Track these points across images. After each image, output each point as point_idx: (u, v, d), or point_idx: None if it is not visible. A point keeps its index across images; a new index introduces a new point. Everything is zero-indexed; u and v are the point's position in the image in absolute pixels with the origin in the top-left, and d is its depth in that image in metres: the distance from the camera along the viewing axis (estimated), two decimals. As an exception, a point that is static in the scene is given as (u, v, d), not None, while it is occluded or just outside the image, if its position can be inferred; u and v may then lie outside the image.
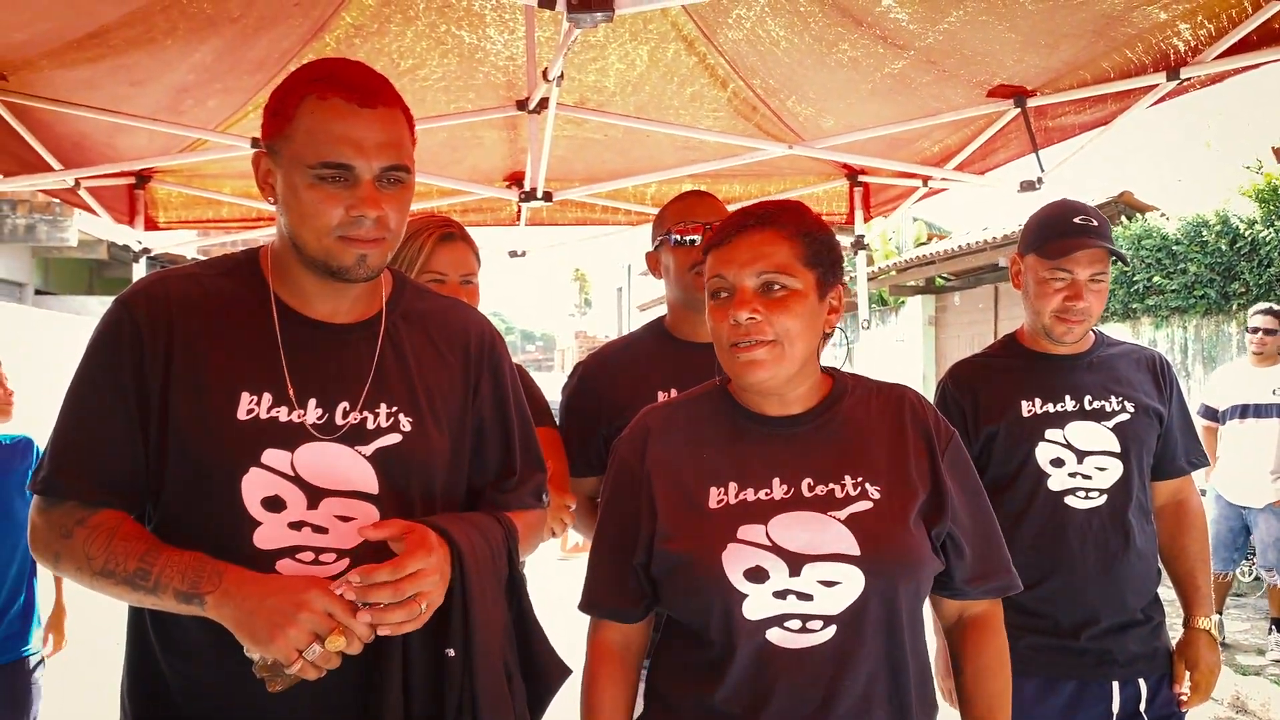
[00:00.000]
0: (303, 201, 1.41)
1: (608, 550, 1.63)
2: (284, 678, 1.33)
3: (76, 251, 13.09)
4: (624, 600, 1.60)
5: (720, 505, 1.52)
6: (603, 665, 1.61)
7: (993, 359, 2.51)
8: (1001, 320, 11.58)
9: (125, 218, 4.09)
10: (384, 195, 1.42)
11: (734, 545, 1.48)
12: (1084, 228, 2.30)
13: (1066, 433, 2.34)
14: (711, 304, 1.57)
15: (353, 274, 1.45)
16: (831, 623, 1.46)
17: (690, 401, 1.68)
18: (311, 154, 1.39)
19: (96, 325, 1.49)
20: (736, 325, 1.51)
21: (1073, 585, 2.30)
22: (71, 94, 3.04)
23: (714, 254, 1.57)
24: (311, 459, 1.44)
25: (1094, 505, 2.32)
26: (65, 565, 1.43)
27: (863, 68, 3.11)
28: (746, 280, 1.52)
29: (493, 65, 3.21)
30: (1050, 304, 2.34)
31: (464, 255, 2.27)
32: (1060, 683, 2.31)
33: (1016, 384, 2.40)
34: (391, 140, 1.42)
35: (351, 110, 1.39)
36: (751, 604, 1.46)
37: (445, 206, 4.28)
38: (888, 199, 4.34)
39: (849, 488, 1.52)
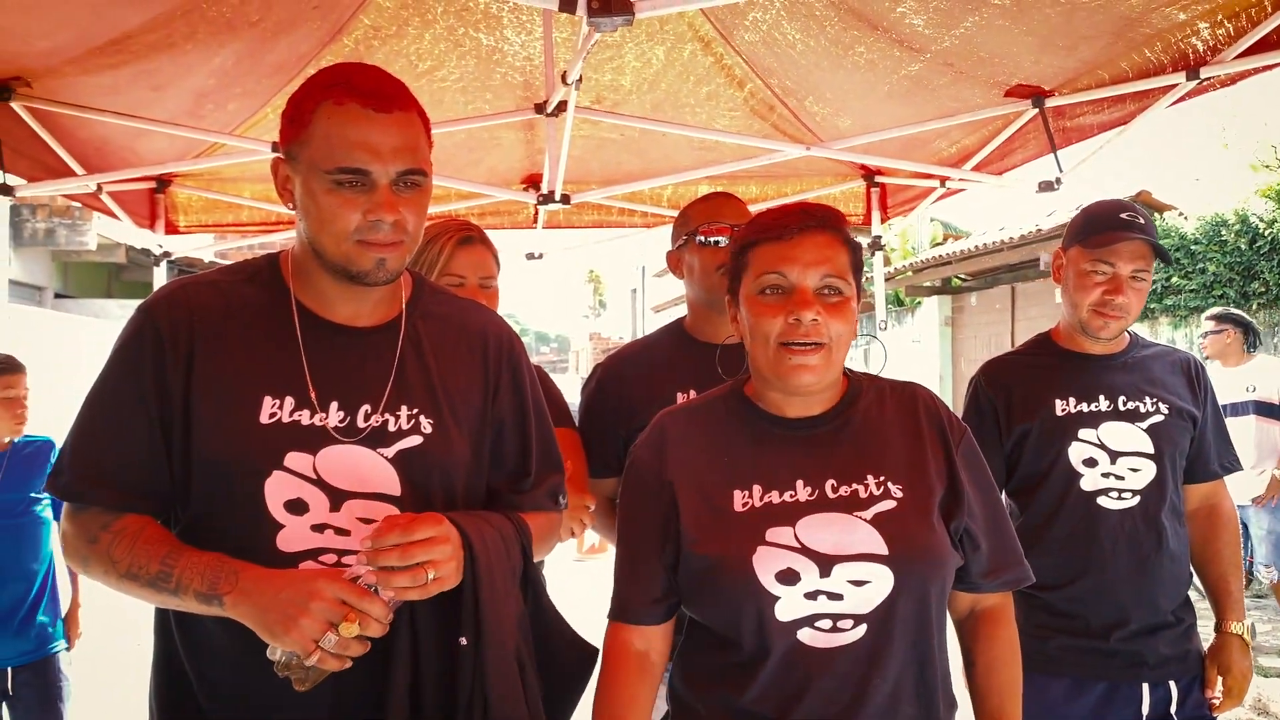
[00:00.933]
0: (321, 207, 1.42)
1: (630, 554, 1.62)
2: (308, 674, 1.34)
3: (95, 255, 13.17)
4: (642, 602, 1.60)
5: (746, 508, 1.51)
6: (618, 668, 1.60)
7: (1026, 357, 2.49)
8: (1018, 321, 11.53)
9: (146, 221, 4.12)
10: (401, 199, 1.43)
11: (764, 548, 1.48)
12: (1129, 223, 2.28)
13: (1100, 433, 2.32)
14: (759, 299, 1.53)
15: (372, 278, 1.45)
16: (862, 621, 1.47)
17: (706, 405, 1.67)
18: (328, 160, 1.40)
19: (120, 333, 1.51)
20: (796, 324, 1.49)
21: (1104, 586, 2.29)
22: (93, 99, 3.07)
23: (769, 249, 1.54)
24: (334, 461, 1.45)
25: (1127, 506, 2.30)
26: (94, 569, 1.44)
27: (879, 69, 3.11)
28: (809, 280, 1.51)
29: (510, 66, 3.23)
30: (1089, 297, 2.31)
31: (483, 258, 2.28)
32: (1090, 683, 2.30)
33: (1050, 382, 2.38)
34: (407, 144, 1.43)
35: (367, 115, 1.40)
36: (783, 606, 1.46)
37: (463, 210, 4.30)
38: (905, 200, 4.33)
39: (872, 487, 1.52)
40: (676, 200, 4.32)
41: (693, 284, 2.36)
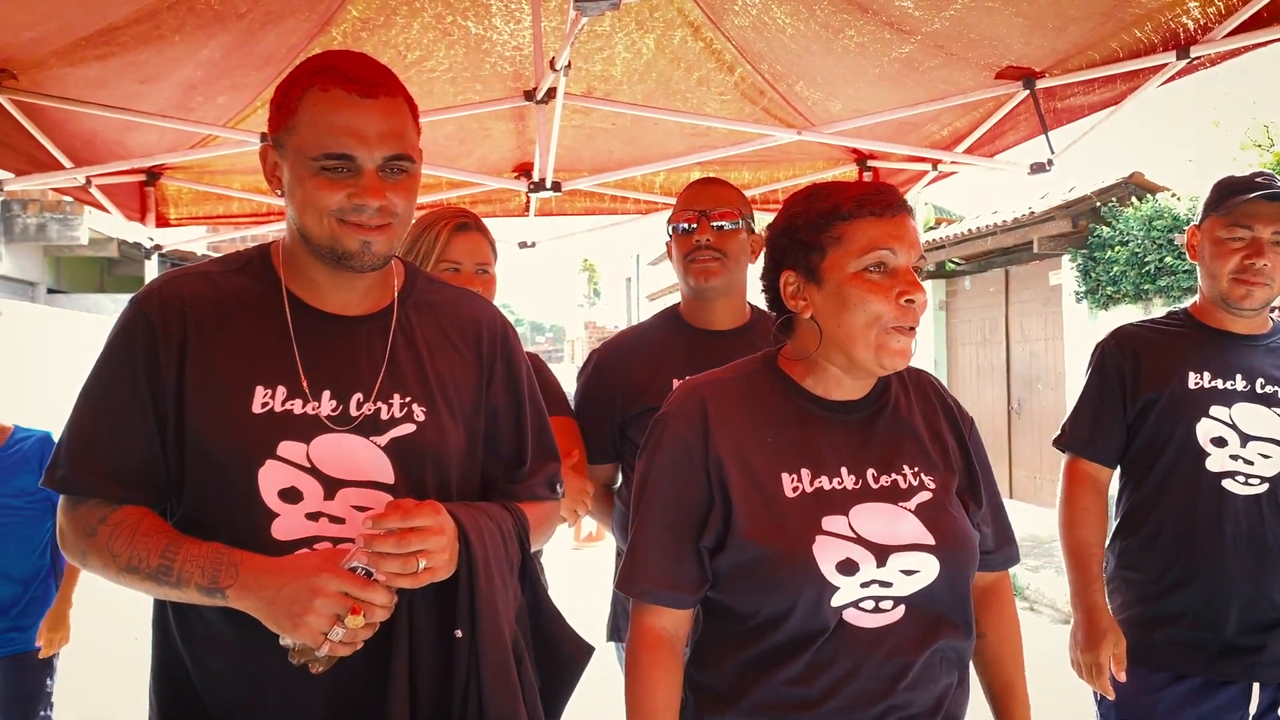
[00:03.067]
0: (306, 190, 1.42)
1: (663, 532, 1.55)
2: (320, 660, 1.36)
3: (88, 250, 13.14)
4: (681, 585, 1.54)
5: (797, 494, 1.50)
6: (654, 653, 1.55)
7: (1162, 326, 2.40)
8: (1012, 304, 11.54)
9: (136, 215, 4.10)
10: (388, 184, 1.43)
11: (822, 538, 1.47)
12: (1265, 185, 2.21)
13: (1233, 412, 2.23)
14: (866, 276, 1.48)
15: (358, 260, 1.45)
16: (901, 603, 1.50)
17: (742, 378, 1.62)
18: (314, 145, 1.40)
19: (112, 326, 1.51)
20: (910, 305, 1.47)
21: (1220, 575, 2.20)
22: (81, 92, 3.05)
23: (875, 224, 1.48)
24: (327, 450, 1.45)
25: (1254, 492, 2.20)
26: (93, 562, 1.45)
27: (870, 53, 3.10)
28: (913, 261, 1.49)
29: (499, 56, 3.21)
30: (1228, 264, 2.25)
31: (479, 245, 2.29)
32: (1196, 679, 2.22)
33: (1185, 354, 2.30)
34: (394, 130, 1.43)
35: (353, 101, 1.40)
36: (840, 595, 1.48)
37: (454, 199, 4.29)
38: (897, 183, 4.31)
39: (909, 478, 1.54)
40: (669, 187, 4.32)
41: (675, 270, 2.38)
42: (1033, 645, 1.73)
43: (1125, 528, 2.37)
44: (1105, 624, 2.28)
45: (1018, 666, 1.70)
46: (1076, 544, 2.37)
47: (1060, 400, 10.14)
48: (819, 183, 1.59)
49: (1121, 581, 2.36)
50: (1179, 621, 2.24)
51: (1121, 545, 2.38)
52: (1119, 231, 9.25)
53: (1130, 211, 9.23)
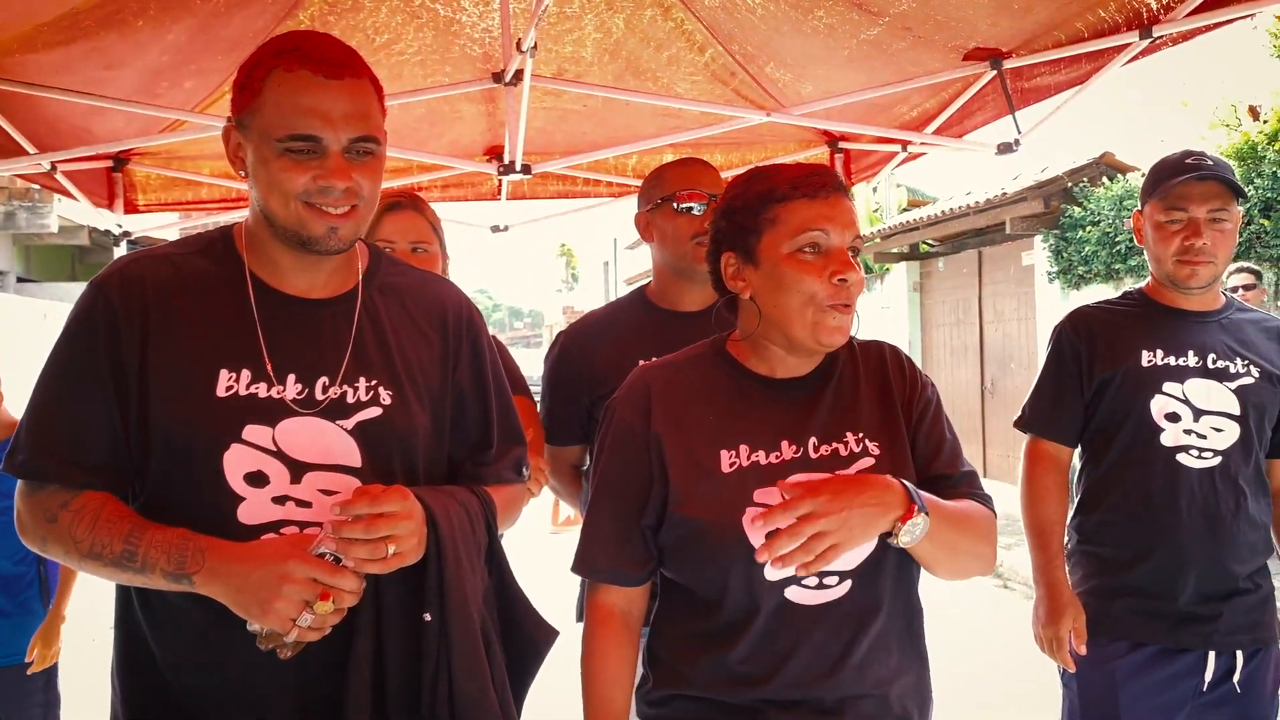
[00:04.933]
0: (271, 171, 1.42)
1: (611, 513, 1.61)
2: (288, 645, 1.36)
3: (57, 238, 12.99)
4: (628, 563, 1.60)
5: (733, 469, 1.52)
6: (605, 629, 1.60)
7: (1116, 306, 2.45)
8: (985, 285, 11.61)
9: (104, 201, 4.06)
10: (354, 166, 1.43)
11: (753, 509, 1.49)
12: (1195, 165, 2.25)
13: (1186, 388, 2.27)
14: (799, 257, 1.50)
15: (323, 244, 1.45)
16: (846, 577, 1.50)
17: (689, 361, 1.66)
18: (279, 127, 1.40)
19: (72, 308, 1.50)
20: (843, 285, 1.49)
21: (1175, 546, 2.25)
22: (45, 78, 3.01)
23: (808, 205, 1.51)
24: (293, 434, 1.45)
25: (1207, 465, 2.25)
26: (53, 549, 1.44)
27: (839, 34, 3.11)
28: (847, 241, 1.51)
29: (468, 38, 3.20)
30: (1170, 247, 2.28)
31: (414, 222, 2.29)
32: (1153, 648, 2.27)
33: (1139, 333, 2.34)
34: (359, 111, 1.42)
35: (318, 82, 1.40)
36: (773, 567, 1.47)
37: (425, 182, 4.27)
38: (868, 164, 4.34)
39: (851, 445, 1.55)
40: (641, 169, 4.30)
41: (664, 249, 2.35)
42: (1006, 621, 1.74)
43: (1085, 504, 2.42)
44: (1066, 599, 2.33)
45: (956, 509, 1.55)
46: (1038, 522, 2.41)
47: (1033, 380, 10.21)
48: (759, 166, 1.62)
49: (1082, 556, 2.41)
50: (1137, 593, 2.29)
51: (1081, 521, 2.43)
52: (1090, 211, 9.32)
53: (1101, 191, 9.30)
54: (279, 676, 1.42)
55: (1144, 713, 2.26)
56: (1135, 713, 2.25)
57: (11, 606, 3.23)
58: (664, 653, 1.61)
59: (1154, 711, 2.26)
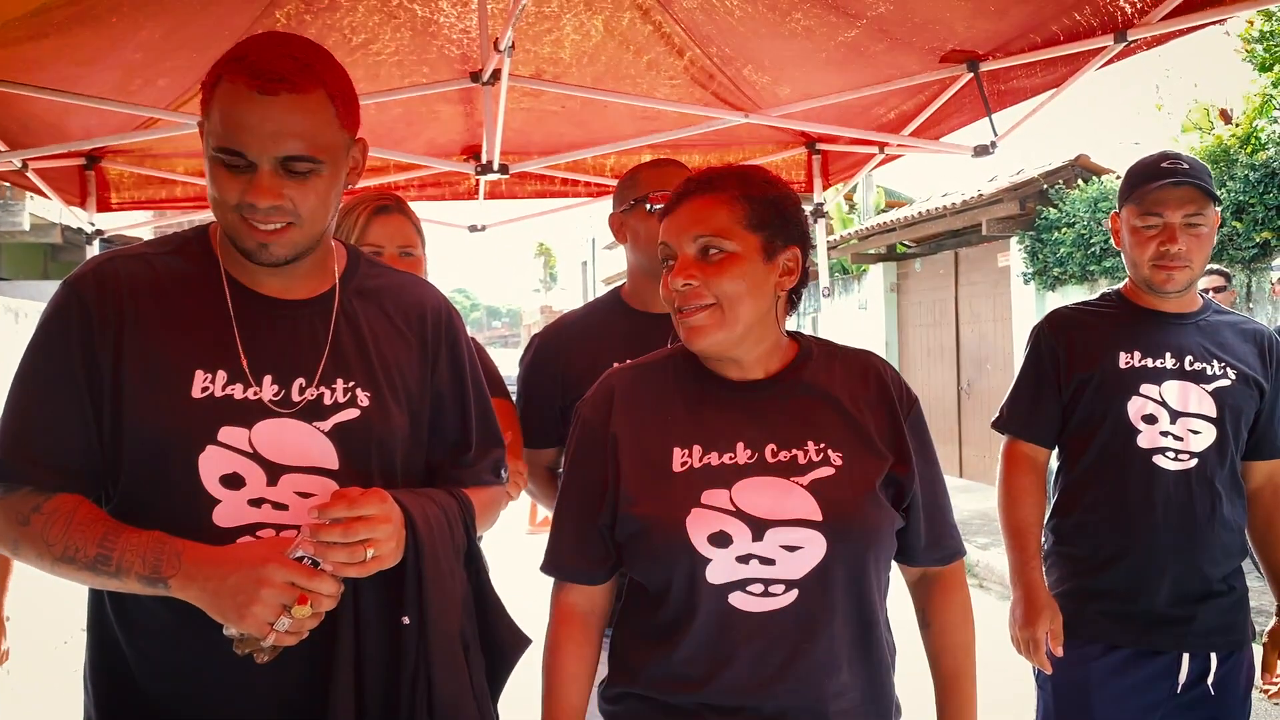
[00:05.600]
0: (211, 179, 1.41)
1: (572, 513, 1.63)
2: (265, 649, 1.35)
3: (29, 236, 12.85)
4: (588, 562, 1.61)
5: (684, 469, 1.52)
6: (566, 628, 1.62)
7: (1094, 308, 2.45)
8: (962, 286, 11.68)
9: (76, 199, 4.02)
10: (289, 183, 1.39)
11: (698, 510, 1.49)
12: (1170, 169, 2.25)
13: (1163, 390, 2.28)
14: (663, 272, 1.58)
15: (257, 258, 1.44)
16: (793, 586, 1.48)
17: (654, 364, 1.68)
18: (215, 138, 1.39)
19: (44, 308, 1.48)
20: (678, 292, 1.53)
21: (1152, 549, 2.25)
22: (15, 74, 2.97)
23: (663, 223, 1.59)
24: (270, 435, 1.44)
25: (1183, 467, 2.26)
26: (25, 553, 1.42)
27: (817, 36, 3.12)
28: (686, 247, 1.54)
29: (446, 39, 3.18)
30: (1146, 252, 2.28)
31: (400, 227, 2.28)
32: (1128, 650, 2.27)
33: (1116, 334, 2.34)
34: (294, 129, 1.37)
35: (251, 98, 1.35)
36: (715, 568, 1.48)
37: (402, 181, 4.25)
38: (845, 166, 4.36)
39: (811, 454, 1.53)
40: (619, 169, 4.30)
41: (637, 250, 2.35)
42: (981, 621, 1.73)
43: (1061, 506, 2.43)
44: (1043, 601, 2.33)
45: (962, 659, 1.67)
46: (1015, 523, 2.42)
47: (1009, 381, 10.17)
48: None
49: (1058, 557, 2.42)
50: (1112, 594, 2.29)
51: (1057, 522, 2.43)
52: (1065, 213, 9.39)
53: (1076, 194, 9.38)
54: (257, 680, 1.41)
55: (1117, 715, 2.26)
56: (1108, 715, 2.26)
57: None
58: (620, 649, 1.62)
59: (1127, 714, 2.27)
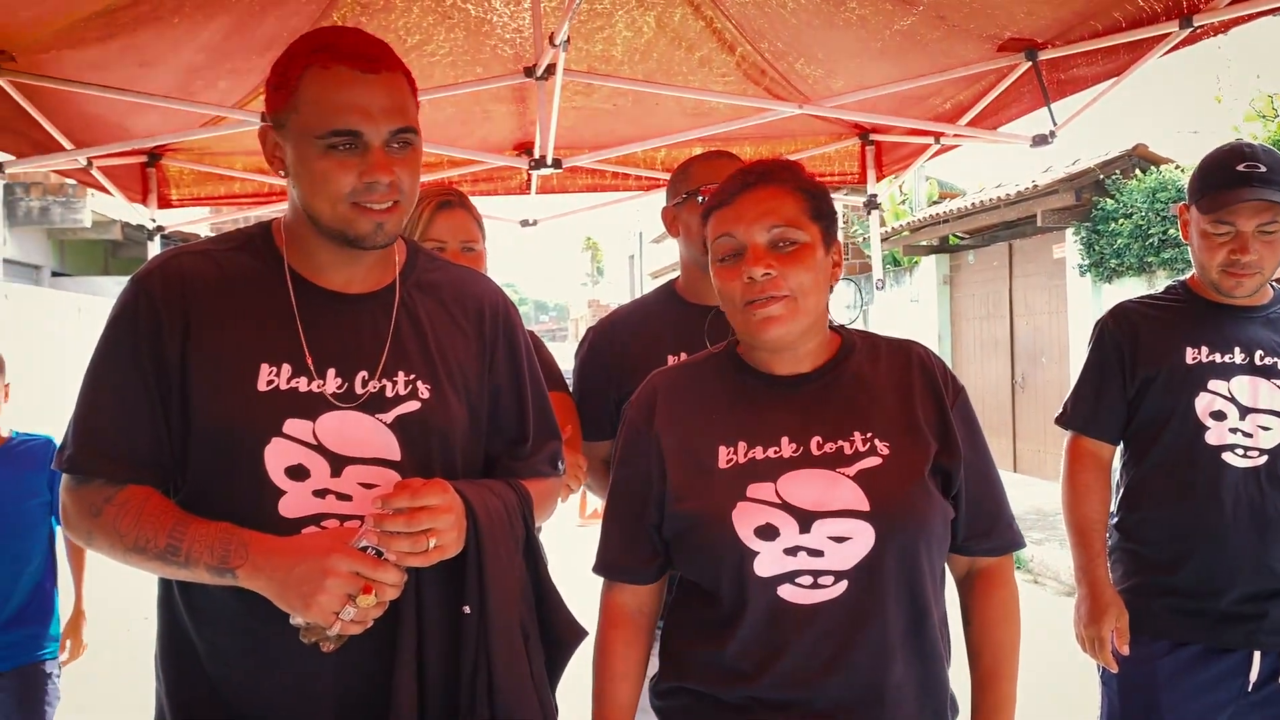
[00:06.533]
0: (314, 172, 1.42)
1: (621, 513, 1.64)
2: (331, 638, 1.37)
3: (91, 232, 13.14)
4: (637, 562, 1.62)
5: (729, 465, 1.53)
6: (615, 628, 1.64)
7: (1160, 302, 2.40)
8: (1016, 278, 11.52)
9: (138, 196, 4.10)
10: (394, 159, 1.43)
11: (744, 504, 1.49)
12: (1246, 176, 2.17)
13: (1231, 385, 2.23)
14: (720, 266, 1.56)
15: (370, 241, 1.46)
16: (843, 577, 1.48)
17: (698, 364, 1.69)
18: (319, 124, 1.40)
19: (113, 305, 1.51)
20: (751, 283, 1.51)
21: (1220, 546, 2.21)
22: (81, 74, 3.04)
23: (718, 215, 1.57)
24: (333, 427, 1.46)
25: (1253, 465, 2.21)
26: (99, 543, 1.45)
27: (871, 25, 3.09)
28: (757, 237, 1.52)
29: (499, 38, 3.20)
30: (1216, 258, 2.23)
31: (464, 222, 2.29)
32: (1196, 647, 2.24)
33: (1182, 329, 2.30)
34: (396, 104, 1.43)
35: (355, 77, 1.40)
36: (762, 561, 1.48)
37: (455, 177, 4.29)
38: (900, 157, 4.31)
39: (857, 444, 1.52)
40: (670, 163, 4.30)
41: (690, 243, 2.34)
42: (1038, 618, 1.71)
43: (1127, 502, 2.39)
44: (1108, 598, 2.30)
45: (1001, 658, 1.63)
46: (1079, 520, 2.38)
47: (1064, 374, 10.13)
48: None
49: (1124, 554, 2.38)
50: (1179, 592, 2.25)
51: (1123, 519, 2.39)
52: (1123, 204, 9.22)
53: (1134, 184, 9.20)
54: (322, 668, 1.43)
55: (1185, 713, 2.22)
56: (1177, 713, 2.22)
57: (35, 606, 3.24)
58: (671, 644, 1.62)
59: (1195, 712, 2.23)
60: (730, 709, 1.52)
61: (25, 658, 3.19)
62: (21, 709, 3.17)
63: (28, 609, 3.21)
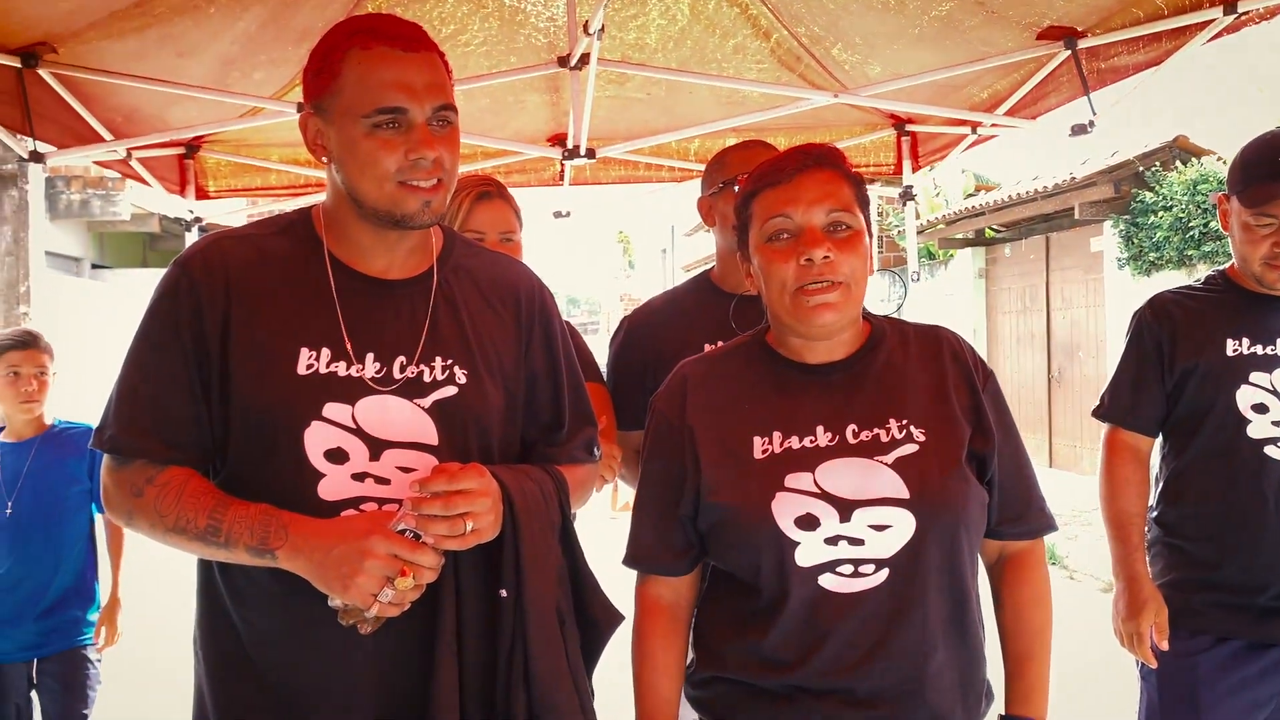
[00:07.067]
0: (361, 153, 1.43)
1: (651, 505, 1.64)
2: (369, 620, 1.38)
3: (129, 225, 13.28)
4: (670, 554, 1.62)
5: (765, 455, 1.52)
6: (652, 620, 1.63)
7: (1199, 292, 2.36)
8: (1053, 271, 11.39)
9: (176, 187, 4.14)
10: (438, 138, 1.45)
11: (782, 494, 1.48)
12: None
13: (1274, 378, 2.20)
14: (769, 246, 1.53)
15: (417, 220, 1.47)
16: (884, 566, 1.47)
17: (728, 353, 1.67)
18: (365, 103, 1.42)
19: (156, 286, 1.52)
20: (809, 265, 1.48)
21: (1262, 540, 2.18)
22: (120, 65, 3.08)
23: (771, 194, 1.53)
24: (372, 411, 1.47)
25: None
26: (139, 523, 1.47)
27: (909, 12, 3.06)
28: (816, 218, 1.50)
29: (533, 27, 3.21)
30: (1259, 251, 2.19)
31: (502, 213, 2.29)
32: (1238, 643, 2.21)
33: (1223, 320, 2.26)
34: (438, 81, 1.46)
35: (397, 56, 1.43)
36: (803, 551, 1.47)
37: (489, 168, 4.29)
38: (936, 147, 4.27)
39: (894, 431, 1.51)
40: (704, 154, 4.28)
41: (726, 233, 2.34)
42: (1075, 614, 1.69)
43: (1167, 496, 2.35)
44: (1147, 593, 2.27)
45: (1034, 642, 1.62)
46: (1117, 514, 2.35)
47: (1102, 369, 10.01)
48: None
49: (1164, 548, 2.34)
50: (1221, 587, 2.22)
51: (1163, 513, 2.36)
52: (1163, 196, 9.08)
53: (1174, 176, 9.06)
54: (360, 651, 1.44)
55: (1227, 709, 2.19)
56: (1218, 709, 2.19)
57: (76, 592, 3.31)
58: (706, 634, 1.61)
59: (1237, 708, 2.20)
60: (771, 697, 1.51)
61: (67, 643, 3.26)
62: (65, 693, 3.24)
63: (69, 595, 3.27)
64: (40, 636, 3.23)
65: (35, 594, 3.21)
